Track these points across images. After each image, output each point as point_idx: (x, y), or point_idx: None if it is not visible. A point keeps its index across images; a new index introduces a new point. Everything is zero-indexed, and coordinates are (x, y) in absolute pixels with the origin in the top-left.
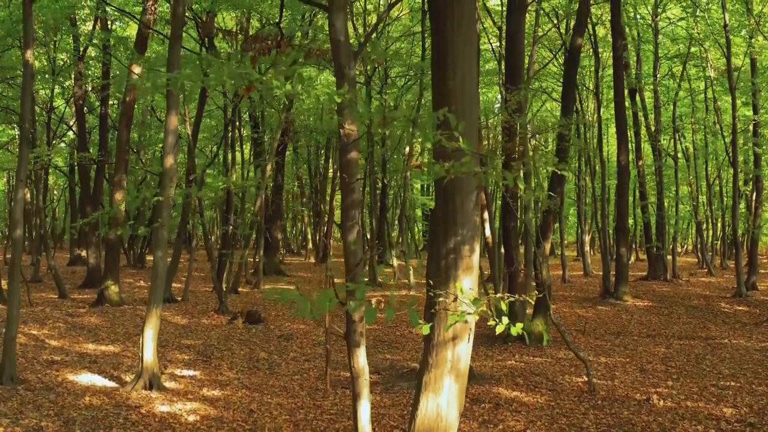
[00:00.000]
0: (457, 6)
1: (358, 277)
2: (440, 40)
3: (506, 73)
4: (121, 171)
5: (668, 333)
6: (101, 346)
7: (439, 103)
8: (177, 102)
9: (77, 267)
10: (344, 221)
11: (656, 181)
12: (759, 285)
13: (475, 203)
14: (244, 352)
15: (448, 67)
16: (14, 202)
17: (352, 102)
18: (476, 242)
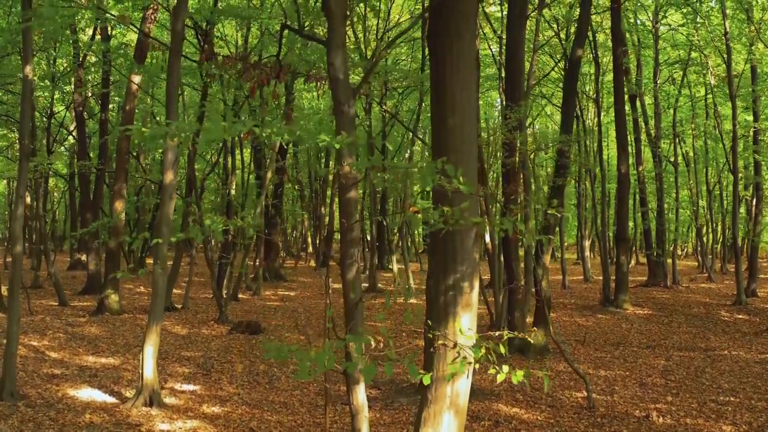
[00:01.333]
0: (456, 44)
1: (358, 319)
2: (439, 79)
3: (506, 90)
4: (121, 180)
5: (668, 344)
6: (101, 359)
7: (438, 142)
8: (176, 116)
9: (77, 271)
10: (343, 259)
11: (656, 187)
12: (759, 291)
13: (474, 240)
14: (244, 364)
15: (447, 106)
16: (13, 219)
17: (352, 146)
18: (475, 278)
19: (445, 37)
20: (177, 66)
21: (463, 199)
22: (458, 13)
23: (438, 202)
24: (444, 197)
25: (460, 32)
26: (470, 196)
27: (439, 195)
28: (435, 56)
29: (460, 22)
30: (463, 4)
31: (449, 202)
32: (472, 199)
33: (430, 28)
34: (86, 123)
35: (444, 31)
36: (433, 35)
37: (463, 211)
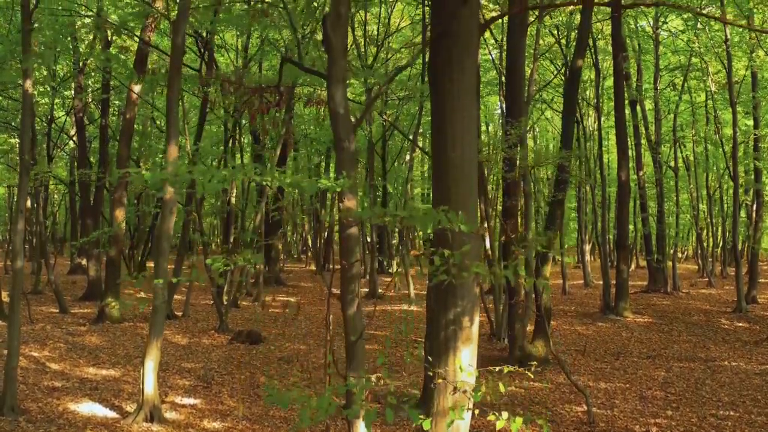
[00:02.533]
0: (457, 77)
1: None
2: (439, 111)
3: (506, 106)
4: (121, 188)
5: (668, 353)
6: (102, 370)
7: (438, 175)
8: (176, 131)
9: (77, 276)
10: (344, 294)
11: (656, 193)
12: (759, 298)
13: (474, 276)
14: (244, 376)
15: (447, 139)
16: (14, 233)
17: (353, 185)
18: (476, 313)
19: (446, 69)
20: (177, 79)
21: (464, 239)
22: (459, 46)
23: (439, 242)
24: (445, 237)
25: (461, 65)
26: (471, 235)
27: (441, 235)
28: (435, 88)
29: (461, 55)
30: (464, 38)
31: (450, 245)
32: (474, 240)
33: (431, 61)
34: (86, 128)
35: (445, 63)
36: (434, 68)
37: (464, 255)
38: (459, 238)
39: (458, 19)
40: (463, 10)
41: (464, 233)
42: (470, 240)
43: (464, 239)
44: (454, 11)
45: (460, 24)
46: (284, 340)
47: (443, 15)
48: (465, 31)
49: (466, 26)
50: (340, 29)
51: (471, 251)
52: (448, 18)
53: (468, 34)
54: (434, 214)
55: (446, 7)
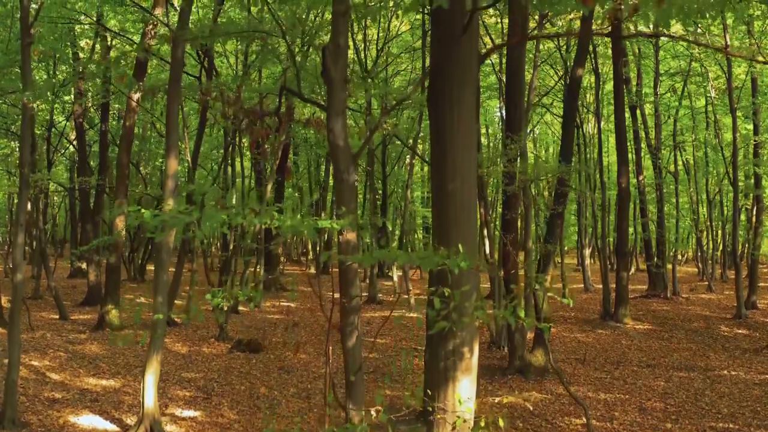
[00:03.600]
0: (456, 108)
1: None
2: (438, 142)
3: (505, 121)
4: (121, 195)
5: (668, 362)
6: (102, 381)
7: (438, 206)
8: (176, 144)
9: (77, 280)
10: (343, 327)
11: (656, 198)
12: (759, 303)
13: (474, 294)
14: (244, 387)
15: (447, 169)
16: (14, 247)
17: (353, 220)
18: (475, 342)
19: (445, 100)
20: (176, 92)
21: (464, 275)
22: (458, 78)
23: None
24: (444, 274)
25: (460, 97)
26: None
27: (440, 272)
28: (434, 119)
29: (460, 87)
30: (463, 69)
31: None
32: (473, 275)
33: (430, 92)
34: (87, 133)
35: (444, 94)
36: (433, 98)
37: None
38: (461, 277)
39: (457, 50)
40: (462, 41)
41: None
42: (470, 275)
43: (464, 274)
44: (453, 43)
45: (459, 55)
46: (284, 349)
47: (442, 46)
48: (464, 62)
49: (465, 58)
50: (340, 61)
51: (470, 290)
52: (447, 49)
53: (467, 65)
54: (434, 259)
55: (445, 38)
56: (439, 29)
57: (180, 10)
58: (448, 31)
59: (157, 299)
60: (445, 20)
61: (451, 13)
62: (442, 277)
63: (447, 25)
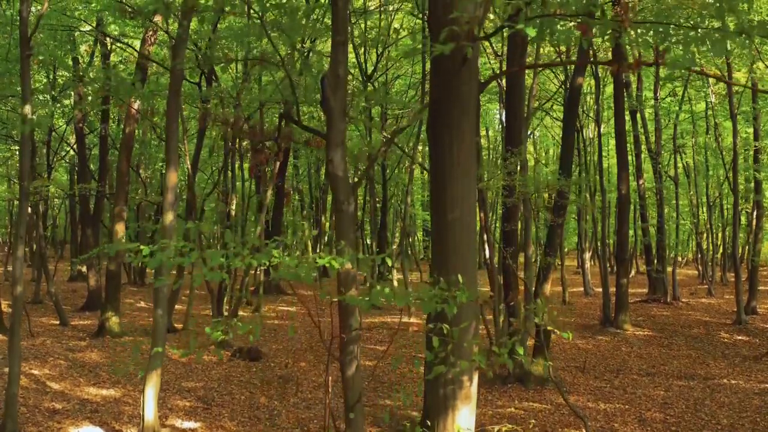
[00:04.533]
0: (456, 138)
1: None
2: (438, 170)
3: (506, 134)
4: (121, 202)
5: (668, 371)
6: (102, 390)
7: (438, 236)
8: (176, 157)
9: (77, 284)
10: (343, 355)
11: (656, 203)
12: (759, 308)
13: (474, 334)
14: (244, 396)
15: (446, 198)
16: (14, 260)
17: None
18: (474, 371)
19: (445, 130)
20: (176, 105)
21: (464, 308)
22: (458, 108)
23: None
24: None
25: (460, 127)
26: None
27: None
28: (434, 149)
29: (460, 117)
30: (463, 99)
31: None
32: (473, 309)
33: (430, 121)
34: (87, 136)
35: (443, 124)
36: (433, 129)
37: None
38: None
39: (457, 81)
40: (462, 72)
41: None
42: (470, 309)
43: (464, 307)
44: (452, 74)
45: (459, 86)
46: (284, 356)
47: (442, 77)
48: (464, 93)
49: (464, 88)
50: (339, 91)
51: (469, 326)
52: (446, 80)
53: (467, 96)
54: (434, 300)
55: (445, 69)
56: (439, 61)
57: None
58: (447, 62)
59: (156, 312)
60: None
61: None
62: (441, 315)
63: (446, 56)
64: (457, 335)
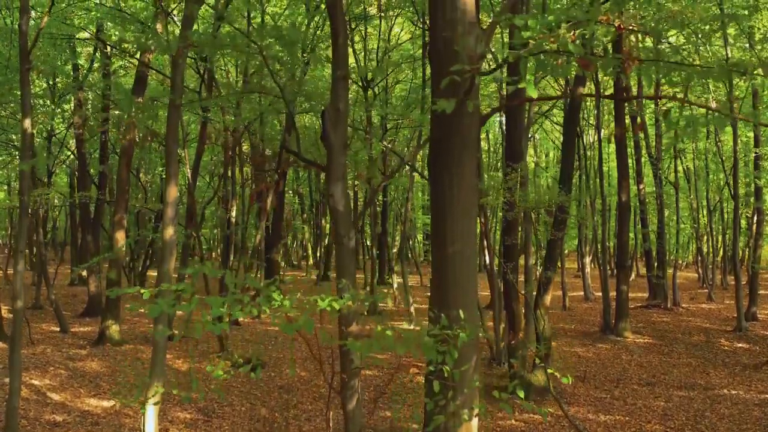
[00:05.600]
0: (457, 173)
1: None
2: (439, 205)
3: (506, 150)
4: (121, 210)
5: (668, 380)
6: (102, 401)
7: (437, 269)
8: (176, 172)
9: (77, 288)
10: (344, 390)
11: (657, 208)
12: (759, 314)
13: (474, 368)
14: (245, 408)
15: (447, 233)
16: (14, 273)
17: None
18: (475, 401)
19: (445, 165)
20: (175, 119)
21: (464, 347)
22: (458, 143)
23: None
24: None
25: (461, 161)
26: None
27: None
28: (435, 185)
29: (461, 152)
30: (464, 134)
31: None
32: (474, 348)
33: (431, 158)
34: (87, 141)
35: (444, 163)
36: (433, 163)
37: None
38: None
39: (457, 117)
40: (463, 108)
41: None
42: (471, 347)
43: (464, 346)
44: (452, 112)
45: (460, 121)
46: (284, 366)
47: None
48: (464, 128)
49: (465, 123)
50: (340, 126)
51: (470, 368)
52: (446, 117)
53: (467, 131)
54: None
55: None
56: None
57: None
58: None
59: (157, 327)
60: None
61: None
62: None
63: (447, 92)
64: (458, 377)
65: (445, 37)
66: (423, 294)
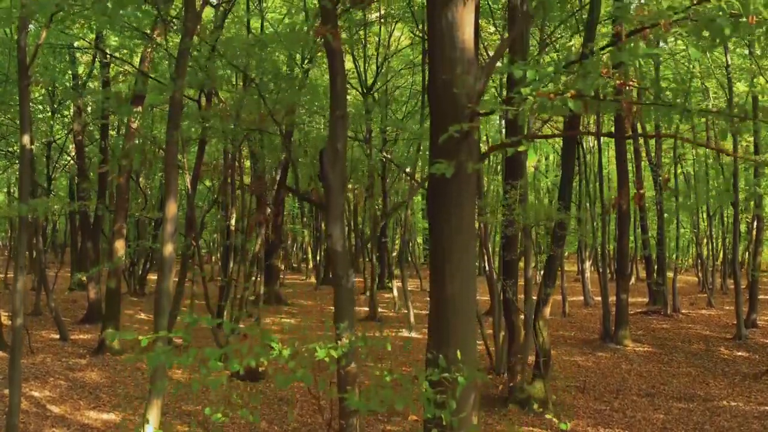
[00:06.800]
0: (456, 213)
1: None
2: (437, 243)
3: (506, 167)
4: (120, 219)
5: (667, 391)
6: (102, 414)
7: (436, 309)
8: (176, 189)
9: (77, 293)
10: (343, 428)
11: (657, 214)
12: (759, 321)
13: (473, 407)
14: (244, 420)
15: (446, 271)
16: (13, 292)
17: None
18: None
19: (444, 206)
20: (175, 135)
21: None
22: (457, 182)
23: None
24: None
25: (460, 201)
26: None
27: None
28: (434, 224)
29: (460, 191)
30: (462, 173)
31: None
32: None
33: (429, 196)
34: (88, 147)
35: (442, 202)
36: (433, 203)
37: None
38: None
39: (457, 155)
40: (462, 148)
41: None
42: (469, 391)
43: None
44: (452, 149)
45: (459, 160)
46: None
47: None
48: (463, 171)
49: (463, 159)
50: (338, 165)
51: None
52: (445, 154)
53: (466, 174)
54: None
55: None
56: (438, 137)
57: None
58: (447, 140)
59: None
60: (444, 128)
61: (451, 120)
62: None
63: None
64: (457, 424)
65: (445, 79)
66: (422, 299)
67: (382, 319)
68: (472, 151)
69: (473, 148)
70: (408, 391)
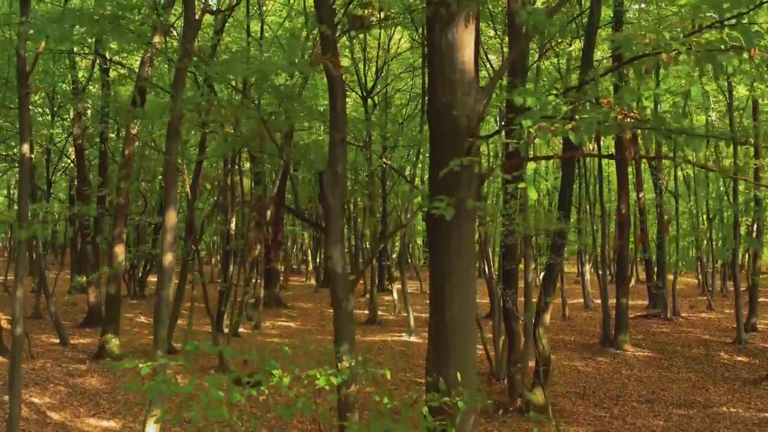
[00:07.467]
0: (455, 235)
1: None
2: (437, 265)
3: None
4: (120, 224)
5: (667, 397)
6: (102, 421)
7: (436, 331)
8: (175, 199)
9: (77, 296)
10: None
11: (657, 217)
12: (759, 325)
13: (473, 425)
14: (245, 428)
15: (445, 293)
16: (13, 299)
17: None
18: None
19: (444, 229)
20: (175, 144)
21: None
22: (458, 210)
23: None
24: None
25: (460, 226)
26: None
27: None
28: (434, 246)
29: (460, 218)
30: (463, 210)
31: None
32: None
33: (428, 219)
34: (87, 150)
35: (443, 224)
36: (433, 226)
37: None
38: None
39: (456, 191)
40: (463, 178)
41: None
42: (469, 415)
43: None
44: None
45: (459, 196)
46: None
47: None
48: (464, 203)
49: (464, 179)
50: (338, 188)
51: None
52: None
53: (467, 193)
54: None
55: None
56: (438, 157)
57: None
58: (447, 159)
59: (156, 353)
60: (445, 150)
61: (451, 142)
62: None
63: (447, 153)
64: None
65: (445, 101)
66: (422, 301)
67: (381, 322)
68: (473, 183)
69: (473, 180)
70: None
